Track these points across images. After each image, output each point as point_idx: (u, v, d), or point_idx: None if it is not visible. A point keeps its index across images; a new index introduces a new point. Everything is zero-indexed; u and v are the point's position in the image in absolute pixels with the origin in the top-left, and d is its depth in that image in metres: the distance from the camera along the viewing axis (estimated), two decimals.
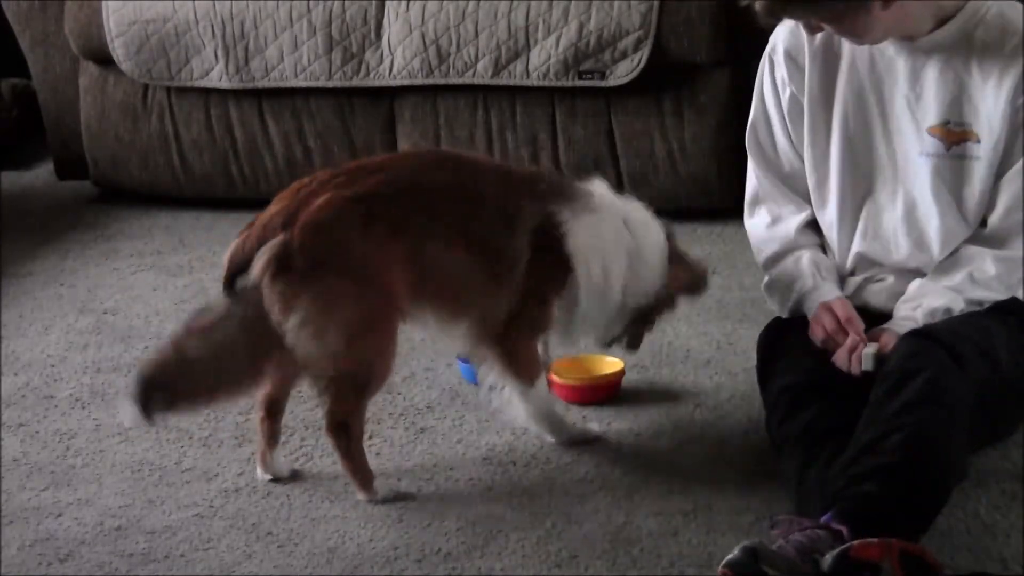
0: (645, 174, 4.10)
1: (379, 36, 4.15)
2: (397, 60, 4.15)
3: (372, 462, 2.93)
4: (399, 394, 3.21)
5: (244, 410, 3.18)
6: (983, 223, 2.77)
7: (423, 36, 4.11)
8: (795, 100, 2.86)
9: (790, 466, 2.67)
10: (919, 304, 2.74)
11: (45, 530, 2.76)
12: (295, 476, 2.91)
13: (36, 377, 3.38)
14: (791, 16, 2.71)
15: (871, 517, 2.40)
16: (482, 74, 4.11)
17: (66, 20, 4.37)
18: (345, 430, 2.78)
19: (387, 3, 4.15)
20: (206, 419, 3.14)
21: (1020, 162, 2.71)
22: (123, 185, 4.46)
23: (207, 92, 4.31)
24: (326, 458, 2.96)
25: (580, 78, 4.05)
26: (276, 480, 2.90)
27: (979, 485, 2.74)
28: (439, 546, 2.66)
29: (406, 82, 4.17)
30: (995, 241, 2.75)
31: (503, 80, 4.10)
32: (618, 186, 4.11)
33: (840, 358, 2.72)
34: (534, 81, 4.08)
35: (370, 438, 3.00)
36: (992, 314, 2.73)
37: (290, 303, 2.66)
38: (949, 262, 2.77)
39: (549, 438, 2.98)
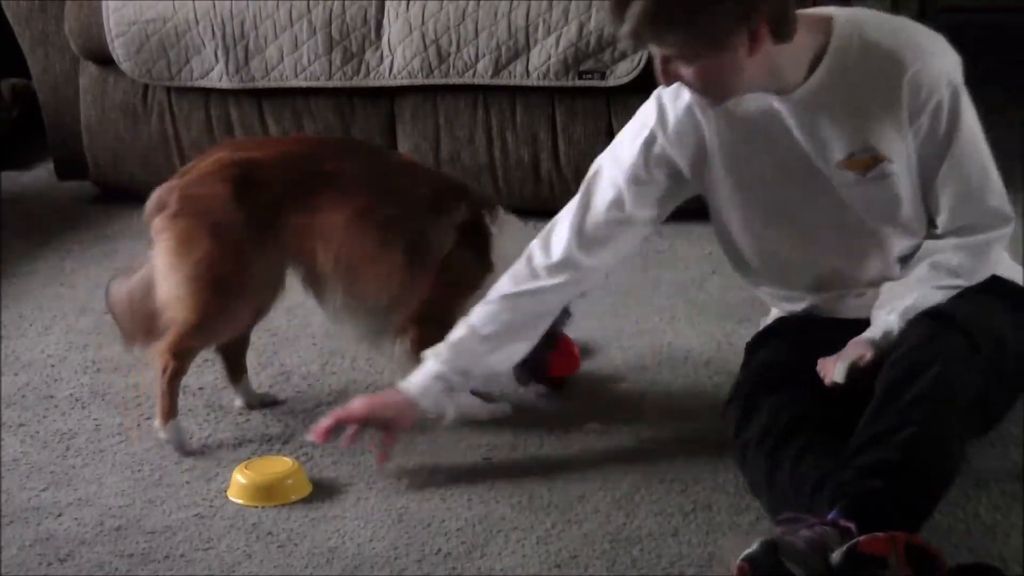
0: None
1: (379, 36, 4.15)
2: (397, 60, 4.15)
3: (372, 462, 2.93)
4: None
5: (244, 410, 3.19)
6: (932, 224, 2.73)
7: (423, 36, 4.11)
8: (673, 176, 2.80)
9: (757, 474, 2.66)
10: (893, 307, 2.68)
11: (45, 530, 2.76)
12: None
13: (36, 377, 3.38)
14: (655, 45, 2.55)
15: (877, 512, 2.40)
16: (482, 74, 4.11)
17: (66, 20, 4.37)
18: (171, 361, 3.00)
19: (387, 3, 4.15)
20: (206, 419, 3.15)
21: (945, 169, 2.66)
22: (123, 185, 4.46)
23: (207, 92, 4.31)
24: (326, 458, 2.96)
25: (580, 78, 4.05)
26: (249, 407, 3.17)
27: (979, 485, 2.74)
28: (439, 546, 2.66)
29: (406, 82, 4.17)
30: (953, 236, 2.71)
31: (503, 80, 4.10)
32: None
33: (826, 366, 2.67)
34: (534, 81, 4.08)
35: (371, 439, 3.00)
36: (990, 296, 2.70)
37: (159, 234, 2.98)
38: (915, 260, 2.73)
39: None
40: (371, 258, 3.02)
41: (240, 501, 2.82)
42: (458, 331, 2.84)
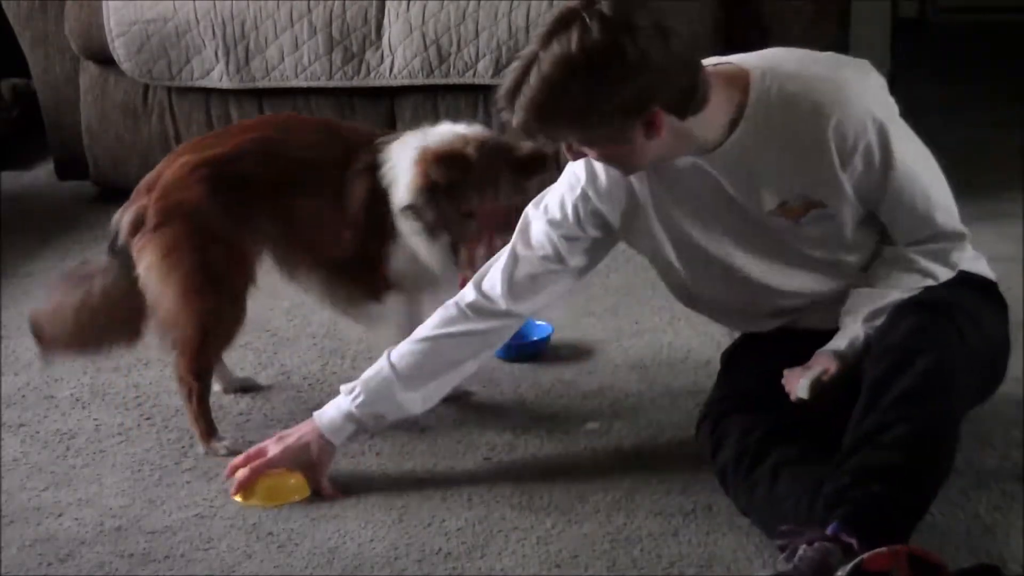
0: None
1: (379, 36, 4.15)
2: (397, 60, 4.15)
3: (372, 462, 2.94)
4: None
5: (244, 410, 3.19)
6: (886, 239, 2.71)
7: (423, 36, 4.11)
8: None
9: (740, 496, 2.65)
10: (859, 314, 2.65)
11: (45, 530, 2.76)
12: None
13: (36, 377, 3.38)
14: (547, 138, 2.57)
15: (876, 519, 2.39)
16: (482, 74, 4.11)
17: (66, 20, 4.37)
18: (194, 382, 3.02)
19: (387, 3, 4.15)
20: None
21: (888, 200, 2.62)
22: (123, 185, 4.42)
23: (207, 92, 4.32)
24: None
25: None
26: (224, 392, 3.22)
27: (979, 485, 2.74)
28: (439, 546, 2.66)
29: (406, 82, 4.17)
30: (909, 246, 2.69)
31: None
32: None
33: (791, 379, 2.65)
34: None
35: (371, 438, 3.01)
36: (963, 288, 2.68)
37: (141, 253, 2.96)
38: (875, 266, 2.70)
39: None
40: (334, 233, 3.02)
41: (241, 501, 2.82)
42: (377, 366, 2.81)
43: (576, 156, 2.59)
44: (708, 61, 2.56)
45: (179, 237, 2.95)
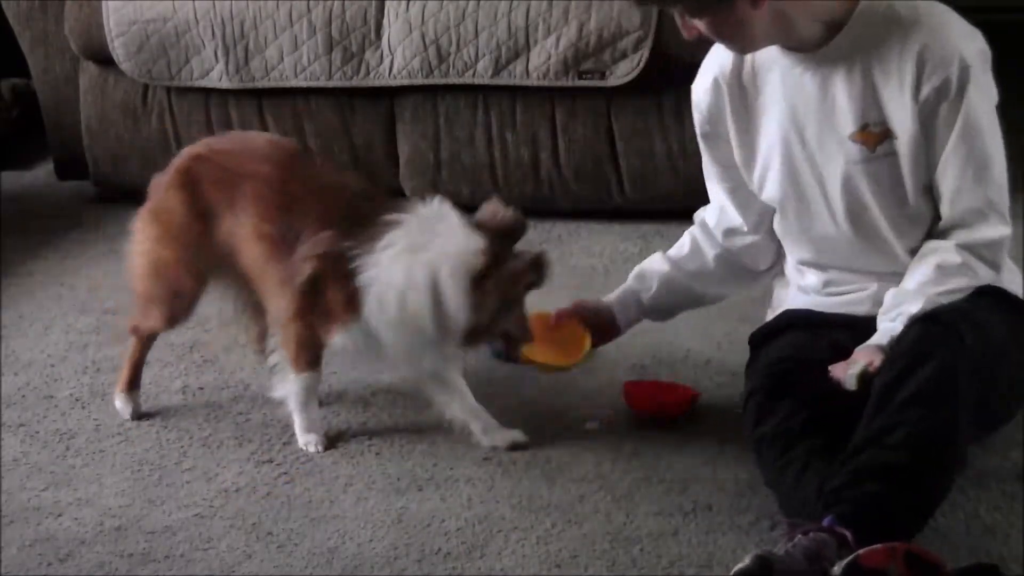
0: (645, 174, 4.11)
1: (379, 36, 4.15)
2: (397, 60, 4.14)
3: (372, 462, 2.94)
4: (400, 393, 3.21)
5: (244, 410, 3.19)
6: (938, 216, 2.75)
7: (423, 36, 4.11)
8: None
9: (769, 469, 2.67)
10: (899, 313, 2.67)
11: (45, 530, 2.77)
12: (296, 474, 2.92)
13: (36, 377, 3.38)
14: (659, 6, 2.77)
15: (875, 518, 2.40)
16: (482, 74, 4.11)
17: (66, 20, 4.37)
18: (129, 336, 3.21)
19: (387, 3, 4.15)
20: (206, 419, 3.15)
21: (947, 150, 2.67)
22: (123, 185, 4.45)
23: (207, 92, 4.31)
24: (326, 458, 2.96)
25: (580, 78, 4.04)
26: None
27: (979, 485, 2.74)
28: (439, 546, 2.66)
29: (406, 82, 4.17)
30: (953, 231, 2.72)
31: (503, 80, 4.10)
32: (618, 186, 4.15)
33: (837, 371, 2.68)
34: (534, 81, 4.08)
35: (370, 438, 3.01)
36: (987, 299, 2.69)
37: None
38: (916, 260, 2.74)
39: (295, 425, 3.04)
40: (263, 269, 3.00)
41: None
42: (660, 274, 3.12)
43: (689, 31, 2.69)
44: None
45: (146, 219, 3.11)
